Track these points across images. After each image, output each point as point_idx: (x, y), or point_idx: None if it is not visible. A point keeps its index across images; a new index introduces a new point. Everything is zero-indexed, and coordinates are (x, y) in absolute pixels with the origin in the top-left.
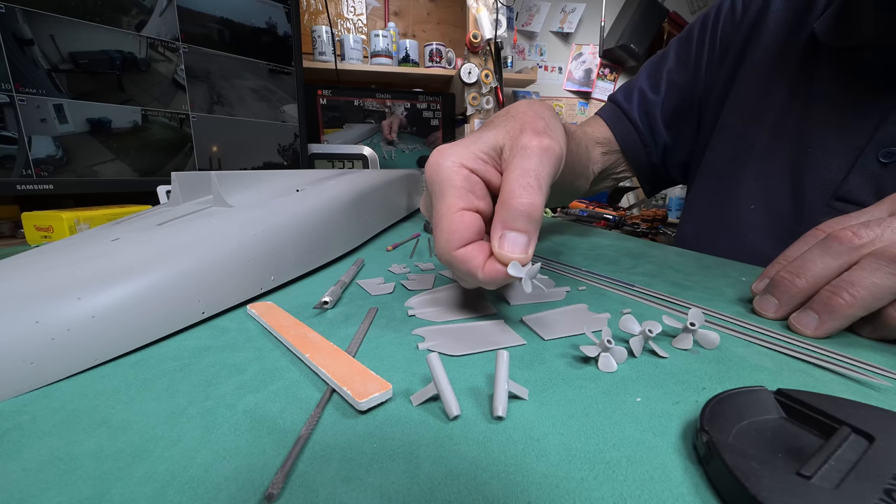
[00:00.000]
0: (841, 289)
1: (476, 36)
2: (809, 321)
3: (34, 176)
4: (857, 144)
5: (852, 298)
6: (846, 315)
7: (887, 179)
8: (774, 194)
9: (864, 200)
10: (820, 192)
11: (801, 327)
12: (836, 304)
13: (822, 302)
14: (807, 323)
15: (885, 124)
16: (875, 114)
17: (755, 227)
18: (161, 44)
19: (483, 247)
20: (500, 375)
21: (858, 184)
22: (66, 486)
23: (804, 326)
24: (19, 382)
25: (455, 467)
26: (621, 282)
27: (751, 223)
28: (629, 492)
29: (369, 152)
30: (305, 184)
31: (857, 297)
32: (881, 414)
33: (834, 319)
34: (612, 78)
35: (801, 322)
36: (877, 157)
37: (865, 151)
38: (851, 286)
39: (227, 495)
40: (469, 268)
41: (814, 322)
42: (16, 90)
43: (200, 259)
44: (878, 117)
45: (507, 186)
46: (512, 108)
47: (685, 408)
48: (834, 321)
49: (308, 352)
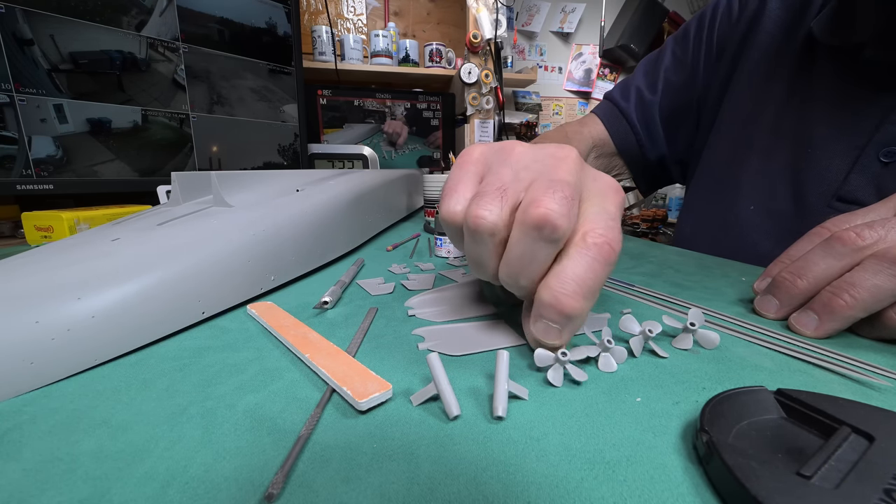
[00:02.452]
0: (842, 290)
1: (476, 36)
2: (809, 321)
3: (34, 176)
4: (858, 144)
5: (853, 300)
6: (846, 316)
7: (888, 179)
8: (774, 195)
9: (864, 200)
10: (820, 193)
11: (800, 327)
12: (837, 306)
13: (822, 303)
14: (806, 323)
15: (886, 123)
16: (875, 113)
17: (755, 227)
18: (161, 44)
19: None
20: (500, 375)
21: (859, 184)
22: (66, 486)
23: (804, 327)
24: (19, 382)
25: (455, 467)
26: (621, 282)
27: (750, 223)
28: (629, 492)
29: (369, 152)
30: (305, 184)
31: (857, 299)
32: (881, 414)
33: (834, 320)
34: (612, 78)
35: (801, 322)
36: (877, 156)
37: (866, 151)
38: (853, 287)
39: (227, 495)
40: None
41: (813, 322)
42: (16, 90)
43: (200, 259)
44: (878, 116)
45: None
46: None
47: (685, 408)
48: (834, 322)
49: (308, 352)
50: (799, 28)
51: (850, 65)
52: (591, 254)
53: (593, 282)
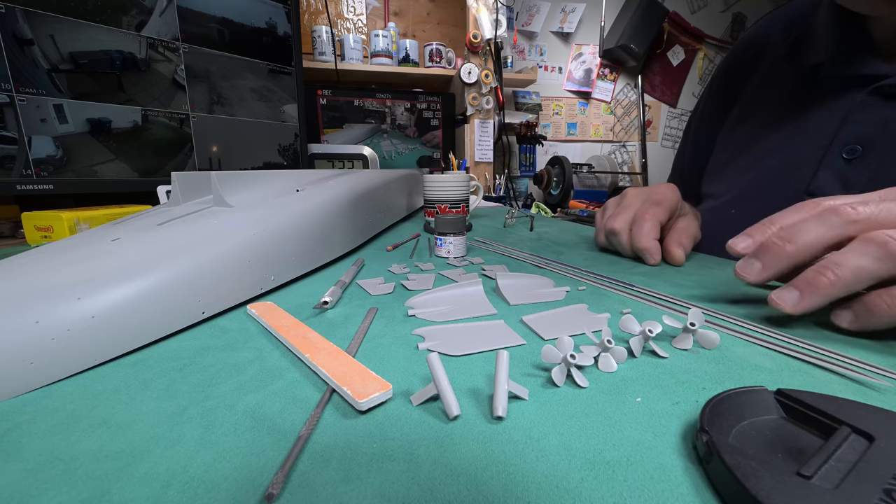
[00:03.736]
0: (826, 268)
1: (476, 36)
2: (790, 297)
3: (34, 176)
4: (823, 144)
5: (835, 277)
6: (827, 294)
7: (852, 174)
8: (753, 196)
9: (831, 194)
10: (794, 190)
11: (780, 303)
12: (820, 283)
13: (806, 280)
14: (787, 299)
15: (846, 124)
16: (837, 116)
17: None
18: (161, 44)
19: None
20: (500, 375)
21: (827, 179)
22: (66, 486)
23: (783, 302)
24: (19, 382)
25: (455, 467)
26: (621, 282)
27: (733, 226)
28: (629, 492)
29: (369, 152)
30: (305, 184)
31: (840, 277)
32: (881, 414)
33: (815, 296)
34: (611, 78)
35: (782, 298)
36: (841, 153)
37: (830, 150)
38: (837, 266)
39: (227, 495)
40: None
41: (794, 298)
42: (16, 90)
43: (200, 259)
44: (839, 119)
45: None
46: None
47: (685, 408)
48: (815, 298)
49: (308, 352)
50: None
51: (812, 78)
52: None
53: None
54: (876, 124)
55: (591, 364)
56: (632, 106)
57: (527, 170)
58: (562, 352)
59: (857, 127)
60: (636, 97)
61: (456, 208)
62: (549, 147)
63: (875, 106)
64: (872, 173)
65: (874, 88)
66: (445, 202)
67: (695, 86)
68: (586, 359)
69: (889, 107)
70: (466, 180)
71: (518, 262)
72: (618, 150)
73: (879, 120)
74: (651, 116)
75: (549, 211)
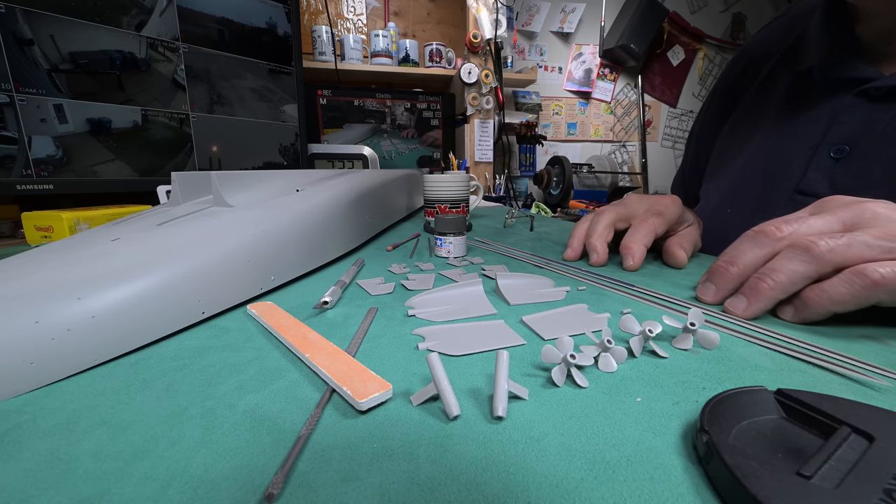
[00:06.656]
0: (765, 275)
1: (476, 36)
2: (739, 303)
3: (34, 176)
4: (813, 144)
5: (774, 283)
6: (770, 297)
7: (839, 173)
8: (748, 196)
9: (820, 192)
10: (785, 189)
11: (732, 309)
12: (761, 288)
13: (749, 287)
14: (737, 305)
15: (834, 124)
16: (826, 117)
17: (733, 227)
18: (161, 44)
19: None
20: (500, 375)
21: (816, 178)
22: (66, 486)
23: (735, 308)
24: (19, 382)
25: (455, 467)
26: (621, 282)
27: (728, 224)
28: (629, 492)
29: (369, 152)
30: (305, 184)
31: (777, 282)
32: (881, 414)
33: (760, 301)
34: (611, 78)
35: (733, 305)
36: (829, 153)
37: (819, 149)
38: (773, 272)
39: (227, 495)
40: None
41: (743, 304)
42: (16, 90)
43: (200, 259)
44: (828, 120)
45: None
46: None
47: (685, 408)
48: (760, 303)
49: (308, 352)
50: (775, 65)
51: (804, 81)
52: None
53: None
54: (862, 125)
55: (591, 364)
56: (632, 106)
57: (527, 170)
58: (562, 352)
59: (845, 128)
60: (636, 97)
61: (456, 208)
62: (549, 147)
63: (861, 107)
64: (858, 172)
65: (860, 91)
66: (445, 202)
67: (695, 86)
68: (586, 359)
69: (874, 108)
70: (466, 180)
71: (518, 262)
72: (618, 150)
73: (865, 121)
74: (651, 116)
75: (549, 211)
